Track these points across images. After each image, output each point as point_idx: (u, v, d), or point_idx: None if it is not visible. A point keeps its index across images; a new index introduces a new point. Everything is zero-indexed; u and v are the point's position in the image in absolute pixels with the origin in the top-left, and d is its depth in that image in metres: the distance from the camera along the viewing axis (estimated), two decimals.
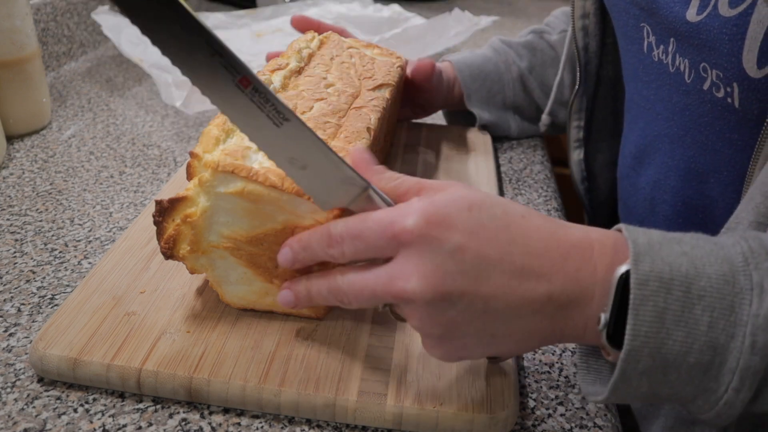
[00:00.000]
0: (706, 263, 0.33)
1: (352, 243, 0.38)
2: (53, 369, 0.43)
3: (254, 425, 0.42)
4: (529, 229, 0.36)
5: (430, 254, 0.35)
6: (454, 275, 0.35)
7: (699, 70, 0.48)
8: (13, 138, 0.78)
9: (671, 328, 0.32)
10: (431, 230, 0.35)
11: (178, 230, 0.44)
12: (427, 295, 0.35)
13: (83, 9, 1.06)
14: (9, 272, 0.55)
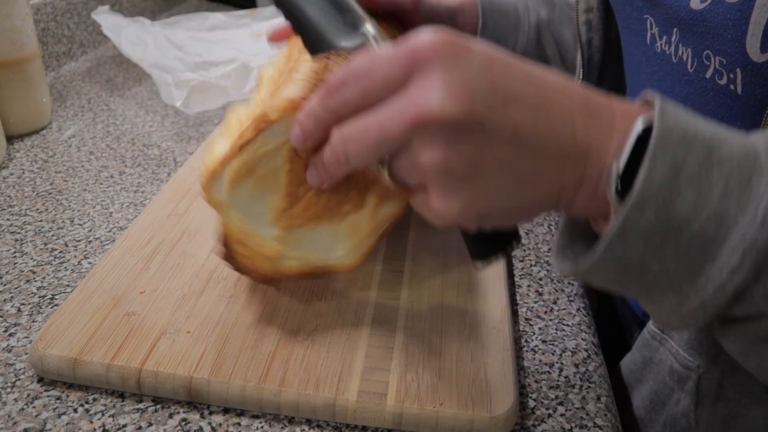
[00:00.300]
0: (729, 137, 0.32)
1: (357, 83, 0.33)
2: (53, 369, 0.43)
3: (254, 425, 0.42)
4: (546, 73, 0.34)
5: (456, 66, 0.31)
6: (483, 92, 0.31)
7: (702, 58, 0.48)
8: (13, 138, 0.78)
9: (684, 186, 0.30)
10: (454, 47, 0.31)
11: (247, 257, 0.45)
12: (456, 111, 0.30)
13: (83, 9, 1.06)
14: (9, 272, 0.55)
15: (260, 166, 0.41)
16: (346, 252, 0.44)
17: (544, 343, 0.50)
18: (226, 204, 0.42)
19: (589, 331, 0.52)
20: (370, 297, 0.50)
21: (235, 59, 0.91)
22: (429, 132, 0.31)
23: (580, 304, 0.55)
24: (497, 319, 0.49)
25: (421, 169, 0.32)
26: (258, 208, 0.43)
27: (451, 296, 0.51)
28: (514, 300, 0.55)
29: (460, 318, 0.49)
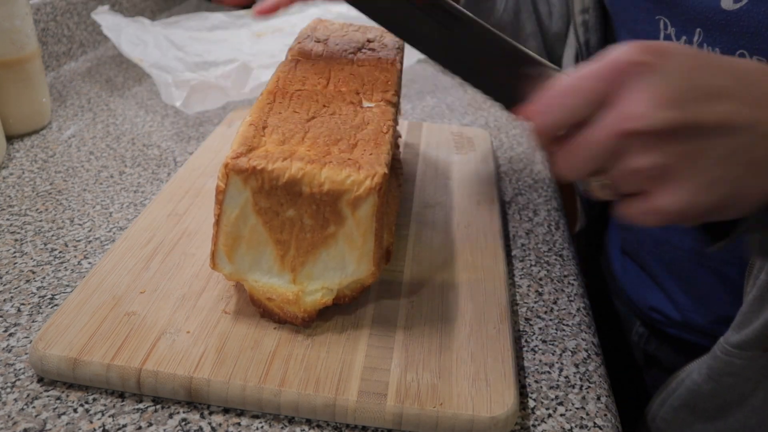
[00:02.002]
0: None
1: (566, 101, 0.34)
2: (53, 369, 0.43)
3: (254, 425, 0.42)
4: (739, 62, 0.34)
5: (657, 76, 0.32)
6: (688, 93, 0.32)
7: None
8: (13, 138, 0.78)
9: None
10: (651, 56, 0.32)
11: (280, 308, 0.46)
12: (663, 118, 0.32)
13: (83, 9, 1.06)
14: (9, 272, 0.55)
15: (241, 229, 0.44)
16: (356, 265, 0.45)
17: (544, 343, 0.50)
18: (237, 272, 0.46)
19: (589, 331, 0.52)
20: (370, 297, 0.50)
21: (235, 59, 0.91)
22: (641, 141, 0.32)
23: (580, 304, 0.55)
24: (497, 319, 0.49)
25: (640, 175, 0.33)
26: (263, 264, 0.45)
27: (451, 296, 0.51)
28: (514, 300, 0.55)
29: (460, 318, 0.49)
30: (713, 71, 0.33)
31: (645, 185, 0.34)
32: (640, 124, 0.32)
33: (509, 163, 0.78)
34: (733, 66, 0.34)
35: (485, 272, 0.54)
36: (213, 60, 0.92)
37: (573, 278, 0.58)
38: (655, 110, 0.32)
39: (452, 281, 0.53)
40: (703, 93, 0.32)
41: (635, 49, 0.33)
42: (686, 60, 0.33)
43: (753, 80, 0.33)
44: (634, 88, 0.32)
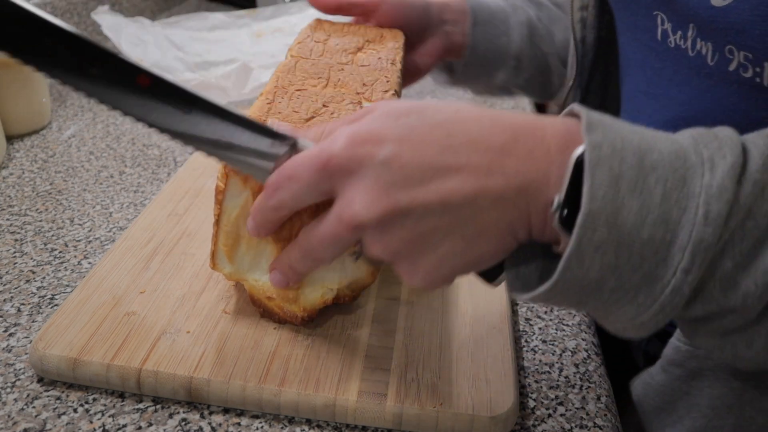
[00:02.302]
0: (657, 140, 0.33)
1: (288, 187, 0.36)
2: (53, 369, 0.43)
3: (254, 425, 0.42)
4: (468, 120, 0.34)
5: (365, 172, 0.33)
6: (397, 184, 0.33)
7: (724, 52, 0.48)
8: (13, 138, 0.78)
9: (626, 195, 0.31)
10: (359, 149, 0.34)
11: (279, 307, 0.46)
12: (377, 213, 0.33)
13: (83, 9, 1.06)
14: (9, 272, 0.55)
15: (241, 229, 0.44)
16: (355, 265, 0.45)
17: (544, 343, 0.50)
18: (237, 272, 0.46)
19: (589, 331, 0.52)
20: (370, 297, 0.50)
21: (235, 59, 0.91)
22: (367, 232, 0.35)
23: None
24: (497, 319, 0.49)
25: (377, 256, 0.36)
26: (263, 264, 0.45)
27: (451, 296, 0.51)
28: (514, 300, 0.55)
29: (460, 318, 0.49)
30: (428, 148, 0.33)
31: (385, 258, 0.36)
32: (357, 220, 0.34)
33: None
34: (455, 133, 0.34)
35: None
36: (213, 60, 0.92)
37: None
38: (368, 204, 0.33)
39: None
40: (416, 177, 0.33)
41: (347, 140, 0.34)
42: (399, 143, 0.33)
43: (474, 149, 0.33)
44: (347, 183, 0.34)
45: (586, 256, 0.31)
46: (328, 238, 0.37)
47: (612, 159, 0.31)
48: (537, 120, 0.35)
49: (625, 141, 0.32)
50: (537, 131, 0.34)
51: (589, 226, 0.31)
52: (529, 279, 0.36)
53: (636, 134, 0.33)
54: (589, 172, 0.31)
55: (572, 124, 0.34)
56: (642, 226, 0.31)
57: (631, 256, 0.32)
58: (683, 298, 0.32)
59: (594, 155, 0.31)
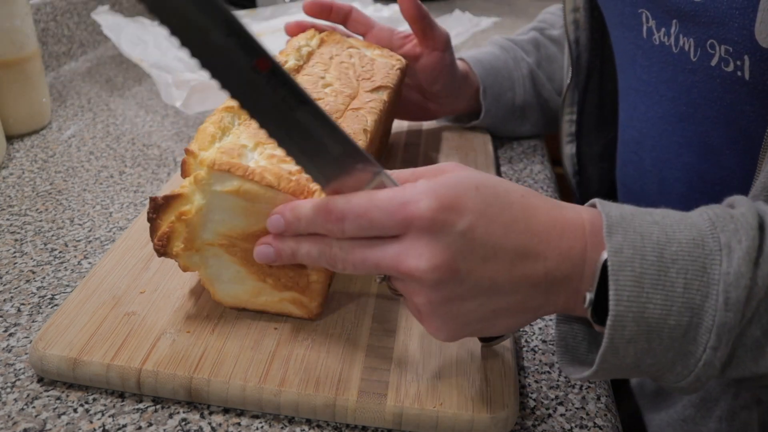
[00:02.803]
0: (676, 230, 0.35)
1: (356, 221, 0.37)
2: (53, 369, 0.43)
3: (254, 425, 0.42)
4: (529, 207, 0.37)
5: (441, 236, 0.35)
6: (464, 254, 0.36)
7: (706, 47, 0.49)
8: (13, 138, 0.78)
9: (650, 292, 0.34)
10: (443, 213, 0.35)
11: (172, 228, 0.44)
12: (438, 274, 0.35)
13: (83, 9, 1.06)
14: (9, 272, 0.55)
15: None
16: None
17: (544, 343, 0.50)
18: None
19: None
20: (370, 297, 0.50)
21: None
22: (418, 283, 0.36)
23: None
24: None
25: (414, 303, 0.38)
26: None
27: None
28: None
29: None
30: (495, 233, 0.36)
31: (417, 310, 0.39)
32: (417, 273, 0.36)
33: (509, 163, 0.78)
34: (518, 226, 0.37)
35: None
36: None
37: None
38: (433, 264, 0.35)
39: None
40: (479, 255, 0.36)
41: (435, 202, 0.36)
42: (475, 220, 0.36)
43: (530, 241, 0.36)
44: (418, 238, 0.36)
45: (620, 348, 0.35)
46: (370, 263, 0.38)
47: (633, 261, 0.34)
48: (578, 215, 0.38)
49: (644, 238, 0.35)
50: (579, 229, 0.37)
51: (619, 325, 0.34)
52: (577, 350, 0.40)
53: (655, 226, 0.35)
54: (613, 277, 0.34)
55: (598, 220, 0.37)
56: (668, 316, 0.34)
57: (661, 340, 0.35)
58: (715, 369, 0.35)
59: (616, 260, 0.34)
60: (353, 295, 0.50)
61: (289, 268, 0.45)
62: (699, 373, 0.35)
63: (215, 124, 0.45)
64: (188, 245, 0.44)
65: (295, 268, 0.45)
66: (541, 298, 0.37)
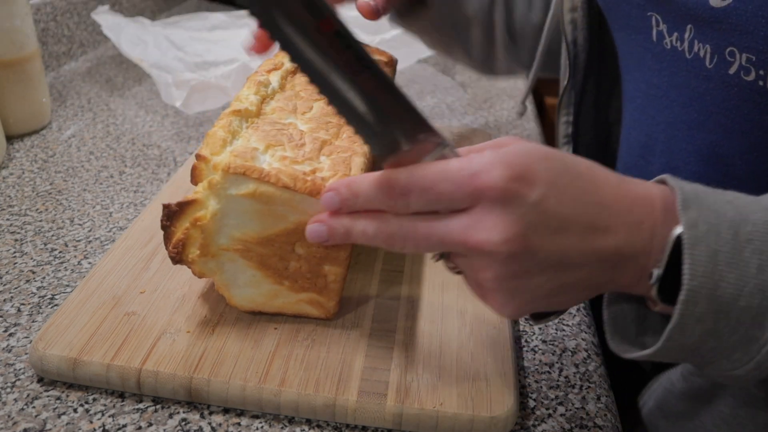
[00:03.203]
0: (750, 211, 0.35)
1: (423, 195, 0.36)
2: (53, 369, 0.43)
3: (254, 425, 0.42)
4: (597, 179, 0.37)
5: (514, 207, 0.34)
6: (537, 227, 0.35)
7: (724, 54, 0.48)
8: (13, 138, 0.78)
9: (724, 269, 0.33)
10: (516, 183, 0.34)
11: (187, 234, 0.43)
12: (511, 246, 0.34)
13: (83, 9, 1.06)
14: (9, 272, 0.55)
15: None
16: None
17: (544, 343, 0.50)
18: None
19: (589, 331, 0.52)
20: (370, 296, 0.50)
21: (235, 59, 0.91)
22: (488, 258, 0.35)
23: (580, 304, 0.55)
24: (497, 319, 0.49)
25: (478, 279, 0.37)
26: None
27: (451, 296, 0.51)
28: None
29: (460, 318, 0.49)
30: (567, 203, 0.35)
31: (482, 286, 0.37)
32: (487, 246, 0.34)
33: None
34: (589, 197, 0.36)
35: None
36: (213, 60, 0.92)
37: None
38: (504, 237, 0.34)
39: (452, 281, 0.53)
40: (551, 227, 0.35)
41: (506, 171, 0.34)
42: (546, 190, 0.35)
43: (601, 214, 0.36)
44: (489, 210, 0.35)
45: (688, 326, 0.34)
46: (434, 240, 0.36)
47: (708, 236, 0.34)
48: (648, 190, 0.37)
49: (719, 215, 0.34)
50: (648, 203, 0.36)
51: (691, 301, 0.34)
52: (626, 330, 0.40)
53: (730, 205, 0.35)
54: (688, 252, 0.33)
55: (669, 196, 0.37)
56: (739, 296, 0.34)
57: (729, 321, 0.34)
58: None
59: (692, 234, 0.34)
60: (353, 295, 0.50)
61: (307, 269, 0.45)
62: (760, 360, 0.34)
63: (224, 128, 0.45)
64: (204, 251, 0.44)
65: (313, 269, 0.45)
66: (608, 274, 0.36)
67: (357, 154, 0.45)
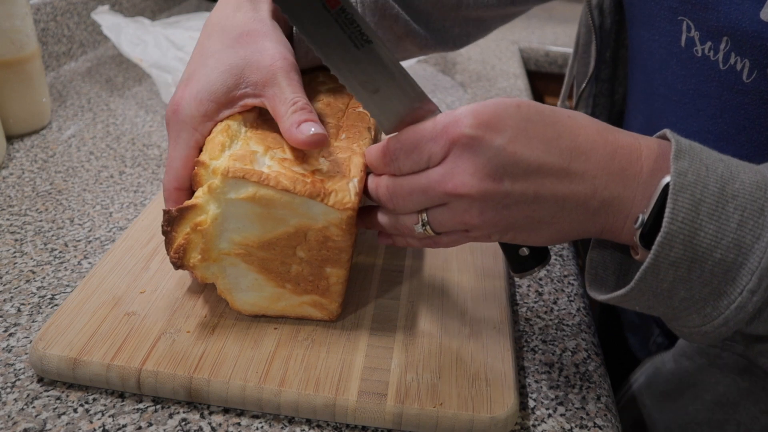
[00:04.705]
0: (740, 171, 0.36)
1: (408, 155, 0.39)
2: (53, 369, 0.43)
3: (254, 425, 0.42)
4: (576, 126, 0.38)
5: (481, 151, 0.37)
6: (506, 168, 0.37)
7: (765, 71, 0.47)
8: (13, 138, 0.78)
9: (704, 220, 0.34)
10: (481, 130, 0.37)
11: (188, 239, 0.43)
12: (479, 189, 0.37)
13: (83, 9, 1.06)
14: (9, 272, 0.55)
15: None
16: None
17: (544, 343, 0.50)
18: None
19: (589, 331, 0.52)
20: (370, 296, 0.50)
21: None
22: (464, 200, 0.38)
23: (580, 304, 0.55)
24: (497, 319, 0.49)
25: (461, 223, 0.39)
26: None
27: (451, 296, 0.51)
28: (514, 300, 0.55)
29: (460, 318, 0.49)
30: (537, 147, 0.37)
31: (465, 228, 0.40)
32: (460, 190, 0.37)
33: None
34: (563, 140, 0.37)
35: (485, 272, 0.54)
36: None
37: (573, 278, 0.58)
38: (475, 180, 0.37)
39: (452, 281, 0.53)
40: (522, 167, 0.37)
41: (469, 120, 0.37)
42: (512, 133, 0.37)
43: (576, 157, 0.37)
44: (459, 156, 0.37)
45: (662, 269, 0.35)
46: (418, 190, 0.39)
47: (695, 186, 0.35)
48: (635, 140, 0.38)
49: (709, 169, 0.35)
50: (634, 152, 0.37)
51: (667, 244, 0.34)
52: (606, 281, 0.41)
53: (722, 162, 0.36)
54: (672, 197, 0.34)
55: (665, 147, 0.38)
56: (716, 248, 0.35)
57: (702, 272, 0.35)
58: (746, 315, 0.35)
59: (679, 181, 0.35)
60: (353, 295, 0.50)
61: (309, 272, 0.45)
62: (728, 316, 0.35)
63: (223, 132, 0.45)
64: (205, 256, 0.44)
65: (315, 271, 0.45)
66: (587, 218, 0.38)
67: (356, 155, 0.45)
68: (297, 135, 0.41)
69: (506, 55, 1.24)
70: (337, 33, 0.38)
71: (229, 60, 0.44)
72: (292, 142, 0.42)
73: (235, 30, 0.45)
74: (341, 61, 0.39)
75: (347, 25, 0.38)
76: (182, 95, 0.45)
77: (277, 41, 0.45)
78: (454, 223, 0.40)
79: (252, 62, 0.44)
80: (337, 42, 0.38)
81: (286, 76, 0.43)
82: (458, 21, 0.63)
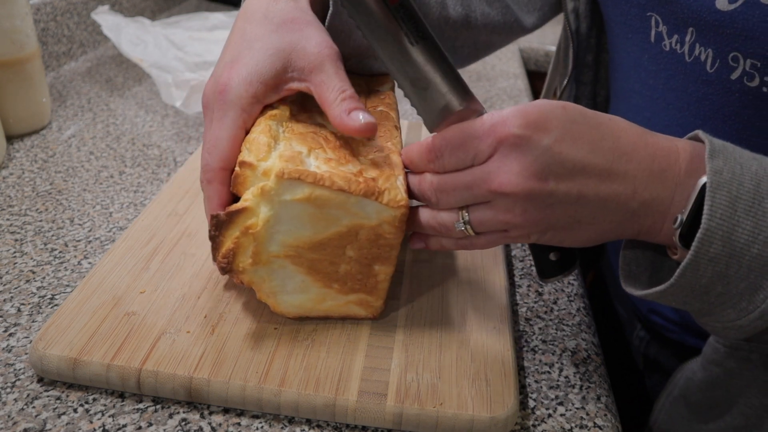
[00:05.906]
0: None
1: (453, 152, 0.40)
2: (53, 369, 0.43)
3: (254, 425, 0.42)
4: (618, 129, 0.39)
5: (528, 151, 0.37)
6: (552, 168, 0.37)
7: (727, 59, 0.48)
8: (13, 138, 0.78)
9: (742, 216, 0.36)
10: (528, 130, 0.37)
11: (237, 243, 0.42)
12: (524, 188, 0.37)
13: (83, 9, 1.06)
14: (9, 272, 0.55)
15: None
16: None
17: (544, 343, 0.50)
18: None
19: (589, 331, 0.52)
20: None
21: None
22: (508, 199, 0.38)
23: (580, 304, 0.55)
24: (497, 319, 0.49)
25: (502, 222, 0.40)
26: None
27: (451, 296, 0.51)
28: (514, 300, 0.55)
29: (460, 318, 0.49)
30: (583, 147, 0.38)
31: (506, 227, 0.40)
32: (505, 188, 0.38)
33: None
34: (606, 141, 0.38)
35: (485, 272, 0.54)
36: (213, 60, 0.92)
37: (573, 278, 0.58)
38: (520, 179, 0.37)
39: (452, 281, 0.53)
40: (567, 168, 0.37)
41: (517, 121, 0.37)
42: (561, 134, 0.37)
43: (619, 158, 0.38)
44: (506, 155, 0.38)
45: (701, 265, 0.36)
46: (462, 186, 0.40)
47: (731, 183, 0.36)
48: (672, 142, 0.39)
49: (744, 167, 0.37)
50: (672, 154, 0.39)
51: (707, 240, 0.36)
52: (639, 277, 0.42)
53: (755, 161, 0.37)
54: (710, 195, 0.36)
55: (698, 148, 0.39)
56: (753, 243, 0.36)
57: (740, 267, 0.36)
58: None
59: (715, 180, 0.36)
60: None
61: (357, 270, 0.45)
62: (765, 309, 0.36)
63: (265, 133, 0.43)
64: (256, 259, 0.43)
65: (363, 269, 0.45)
66: (627, 218, 0.39)
67: (393, 152, 0.44)
68: (348, 122, 0.41)
69: (506, 55, 1.24)
70: (394, 28, 0.39)
71: (276, 44, 0.44)
72: (343, 129, 0.42)
73: (278, 16, 0.45)
74: (395, 56, 0.40)
75: (405, 21, 0.39)
76: (230, 76, 0.44)
77: (321, 29, 0.45)
78: (495, 222, 0.40)
79: (299, 48, 0.44)
80: (393, 37, 0.39)
81: (333, 64, 0.43)
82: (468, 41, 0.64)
